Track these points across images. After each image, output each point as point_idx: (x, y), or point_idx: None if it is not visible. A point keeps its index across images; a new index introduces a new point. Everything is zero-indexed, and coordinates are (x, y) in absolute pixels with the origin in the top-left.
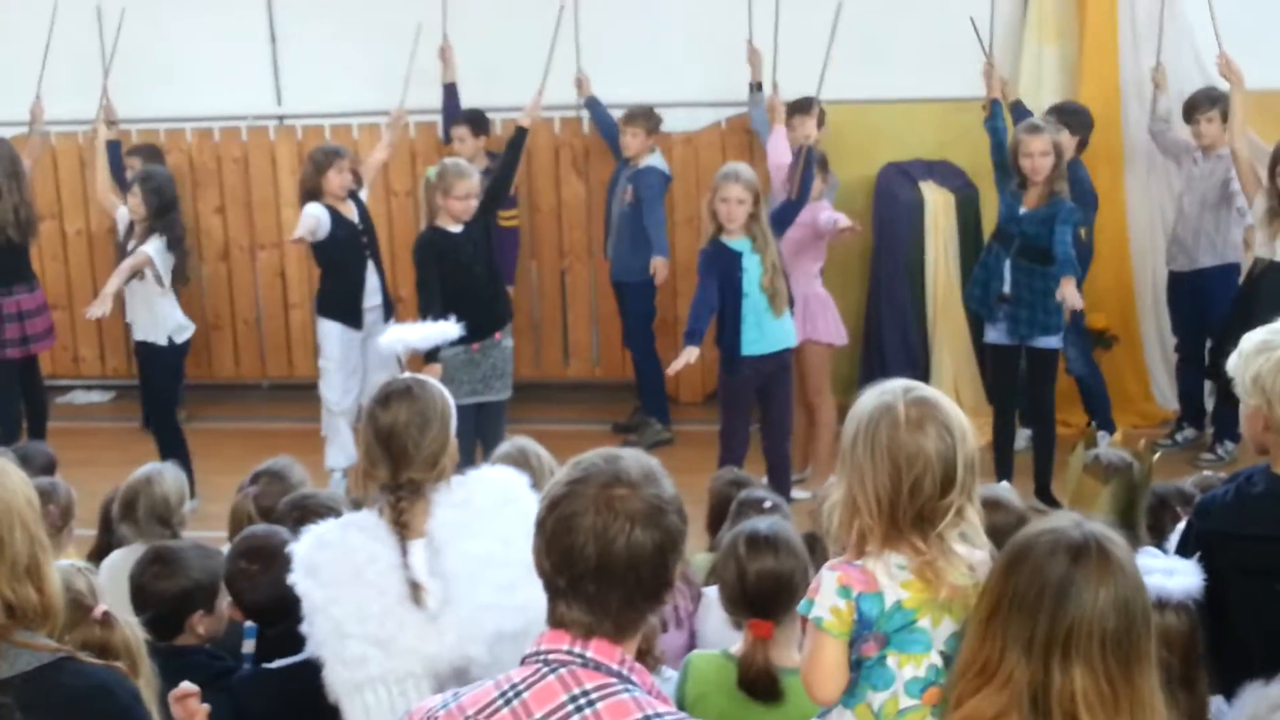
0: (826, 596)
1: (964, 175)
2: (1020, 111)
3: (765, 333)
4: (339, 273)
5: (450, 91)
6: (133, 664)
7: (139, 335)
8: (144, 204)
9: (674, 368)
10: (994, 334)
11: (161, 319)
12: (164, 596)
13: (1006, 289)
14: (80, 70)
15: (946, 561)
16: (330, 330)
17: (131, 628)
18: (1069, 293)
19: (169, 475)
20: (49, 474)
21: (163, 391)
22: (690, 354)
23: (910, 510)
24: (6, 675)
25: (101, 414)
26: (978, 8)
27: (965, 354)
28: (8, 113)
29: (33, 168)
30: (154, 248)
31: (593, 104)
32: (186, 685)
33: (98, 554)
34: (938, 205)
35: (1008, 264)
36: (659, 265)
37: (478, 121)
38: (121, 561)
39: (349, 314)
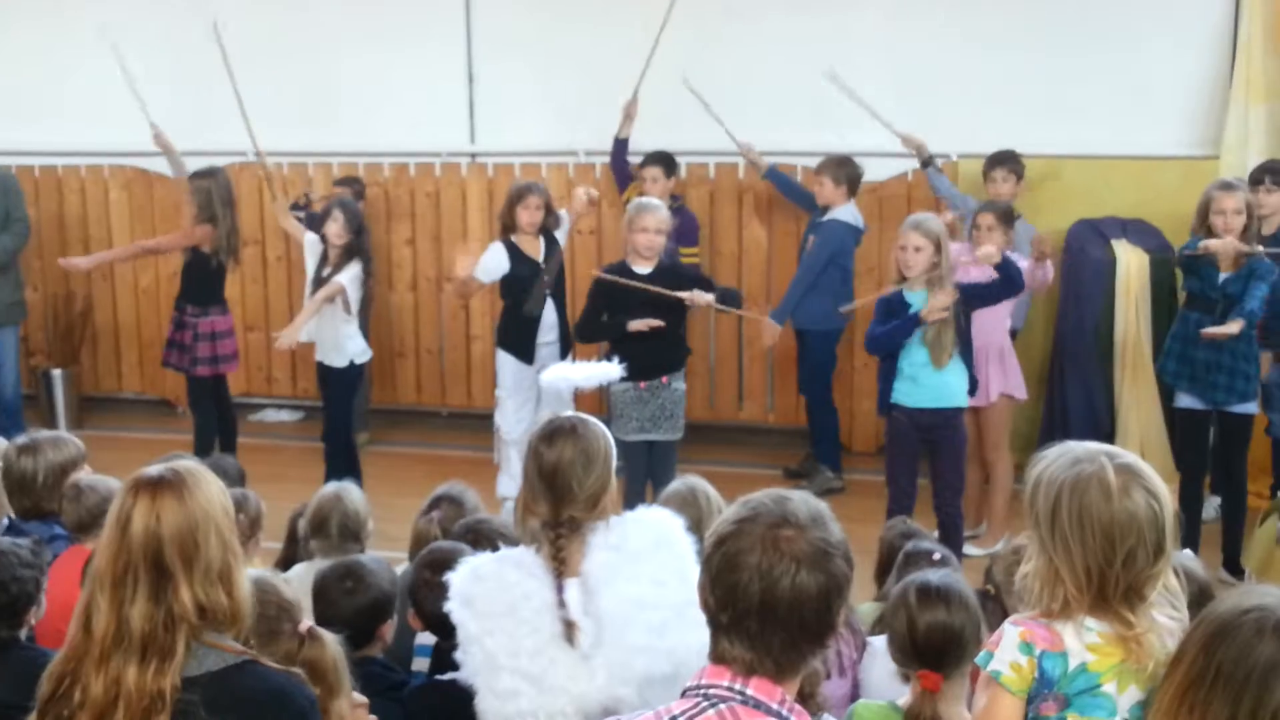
0: (1007, 651)
1: (1160, 235)
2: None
3: (921, 385)
4: (516, 308)
5: (621, 147)
6: (336, 681)
7: (320, 356)
8: (346, 229)
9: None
10: (1187, 399)
11: (345, 345)
12: (356, 610)
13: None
14: (288, 105)
15: (1156, 635)
16: (506, 360)
17: (336, 644)
18: (1224, 329)
19: (355, 492)
20: (240, 486)
21: (339, 410)
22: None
23: (1123, 582)
24: (194, 674)
25: (289, 433)
26: (1184, 68)
27: (1154, 418)
28: (225, 143)
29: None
30: (349, 276)
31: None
32: (356, 696)
33: (282, 565)
34: (1131, 265)
35: None
36: (767, 328)
37: (670, 163)
38: (305, 574)
39: (521, 348)
